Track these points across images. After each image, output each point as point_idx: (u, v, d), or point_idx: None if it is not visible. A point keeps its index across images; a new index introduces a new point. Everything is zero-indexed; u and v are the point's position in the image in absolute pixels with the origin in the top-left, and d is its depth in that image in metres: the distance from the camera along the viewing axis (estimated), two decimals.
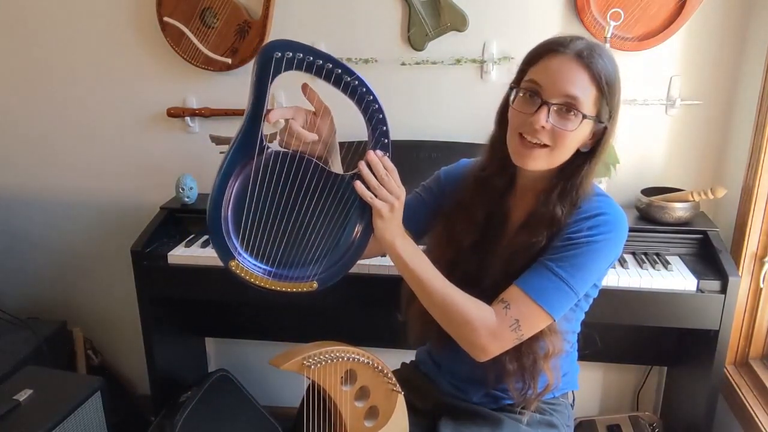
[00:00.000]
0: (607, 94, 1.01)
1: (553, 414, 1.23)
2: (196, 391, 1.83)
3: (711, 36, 1.70)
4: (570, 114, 1.00)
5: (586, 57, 0.99)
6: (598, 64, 0.99)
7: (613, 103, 1.02)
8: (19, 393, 1.47)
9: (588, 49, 1.00)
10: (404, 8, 1.78)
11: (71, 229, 2.16)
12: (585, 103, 1.00)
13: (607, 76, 1.00)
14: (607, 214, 1.05)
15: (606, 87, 1.00)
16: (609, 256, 1.05)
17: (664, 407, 1.98)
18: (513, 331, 1.01)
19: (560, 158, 1.05)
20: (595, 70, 0.99)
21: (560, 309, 1.02)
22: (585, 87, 1.00)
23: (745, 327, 1.68)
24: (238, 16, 1.80)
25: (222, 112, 1.92)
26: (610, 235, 1.03)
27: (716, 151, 1.78)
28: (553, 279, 1.01)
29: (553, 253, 1.03)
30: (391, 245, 1.03)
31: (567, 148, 1.04)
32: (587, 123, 1.01)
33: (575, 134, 1.01)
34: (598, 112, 1.02)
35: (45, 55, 1.98)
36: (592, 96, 1.00)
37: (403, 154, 1.76)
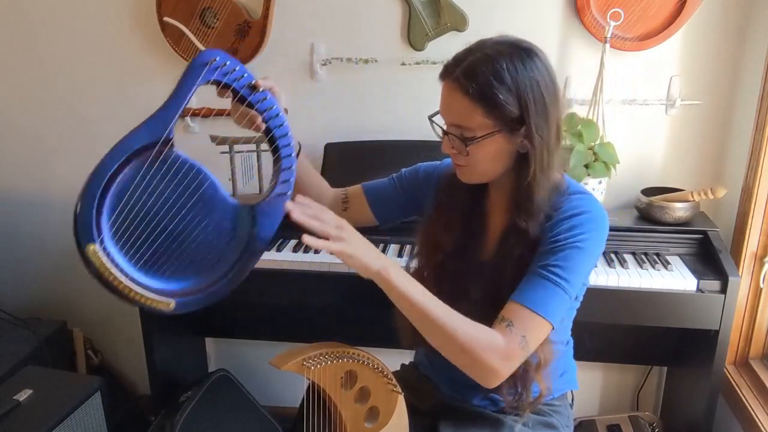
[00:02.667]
0: (497, 106, 0.97)
1: (553, 415, 1.23)
2: (196, 391, 1.83)
3: (711, 36, 1.70)
4: (460, 139, 1.01)
5: (462, 79, 0.98)
6: (475, 83, 0.97)
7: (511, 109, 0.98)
8: (19, 393, 1.47)
9: (467, 68, 0.98)
10: (404, 8, 1.78)
11: (71, 229, 2.15)
12: (472, 126, 0.99)
13: (489, 90, 0.96)
14: (587, 212, 1.04)
15: (492, 100, 0.97)
16: (594, 254, 1.05)
17: (664, 407, 1.98)
18: (522, 348, 0.98)
19: (484, 173, 1.06)
20: (471, 92, 0.97)
21: (559, 315, 1.02)
22: (466, 111, 0.99)
23: (745, 327, 1.68)
24: (238, 16, 1.80)
25: (222, 112, 1.91)
26: (593, 233, 1.03)
27: (716, 151, 1.78)
28: (548, 286, 1.00)
29: (541, 259, 1.03)
30: (378, 274, 0.97)
31: (481, 164, 1.04)
32: (497, 137, 1.00)
33: (481, 152, 1.02)
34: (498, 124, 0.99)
35: (45, 55, 1.98)
36: (479, 115, 0.98)
37: (404, 154, 1.76)
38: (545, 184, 1.04)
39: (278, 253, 1.67)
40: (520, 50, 1.00)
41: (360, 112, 1.89)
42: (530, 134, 0.99)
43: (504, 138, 1.01)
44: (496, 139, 1.01)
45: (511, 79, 0.97)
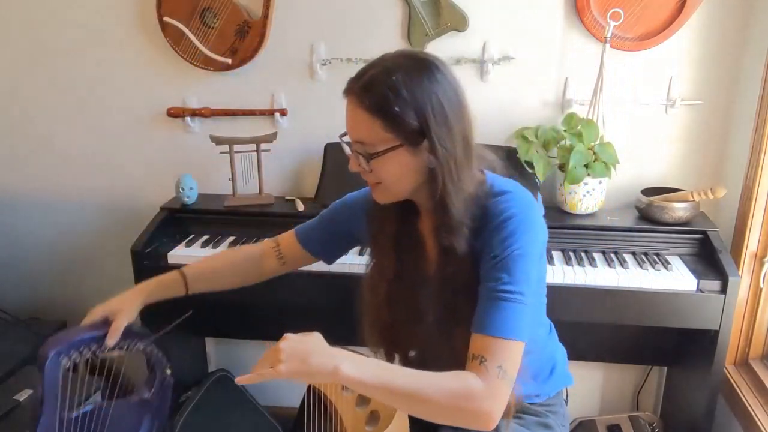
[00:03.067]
0: (400, 116, 0.95)
1: (549, 416, 1.22)
2: (196, 391, 1.83)
3: (711, 36, 1.70)
4: (365, 154, 1.00)
5: (360, 93, 0.97)
6: (373, 96, 0.96)
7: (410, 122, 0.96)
8: (19, 393, 1.47)
9: (363, 85, 0.98)
10: (404, 8, 1.78)
11: (71, 229, 2.16)
12: (373, 141, 0.98)
13: (386, 103, 0.95)
14: (514, 215, 1.01)
15: (389, 113, 0.96)
16: (537, 252, 1.03)
17: (664, 407, 1.98)
18: (502, 379, 0.94)
19: (398, 189, 1.04)
20: (369, 105, 0.96)
21: (526, 329, 0.98)
22: (367, 127, 0.98)
23: (745, 327, 1.68)
24: (238, 16, 1.80)
25: (222, 112, 1.92)
26: (528, 234, 1.00)
27: (716, 151, 1.78)
28: (504, 306, 0.97)
29: (487, 279, 1.00)
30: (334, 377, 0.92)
31: (390, 181, 1.02)
32: (400, 151, 0.98)
33: (387, 168, 1.00)
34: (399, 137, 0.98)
35: (45, 55, 1.98)
36: (379, 128, 0.97)
37: None
38: (458, 196, 1.01)
39: None
40: (419, 63, 0.99)
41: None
42: (433, 147, 0.97)
43: (408, 152, 0.99)
44: (400, 154, 0.99)
45: (408, 92, 0.95)
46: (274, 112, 1.90)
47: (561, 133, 1.72)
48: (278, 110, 1.90)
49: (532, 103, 1.82)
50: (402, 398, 0.94)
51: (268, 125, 1.93)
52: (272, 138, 1.83)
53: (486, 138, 1.81)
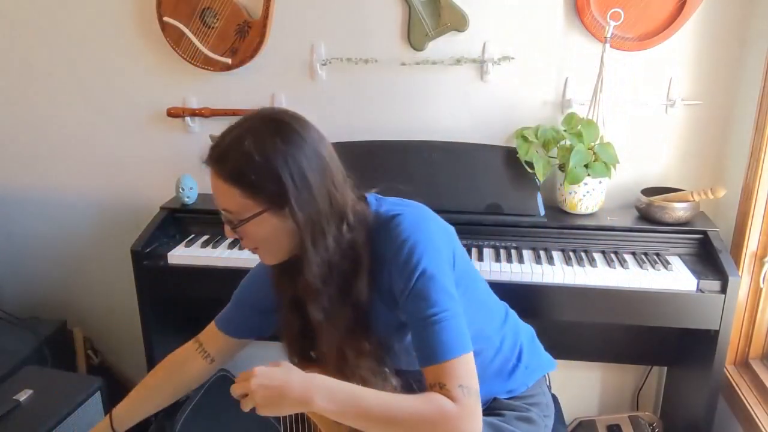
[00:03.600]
0: (255, 184, 0.96)
1: (531, 409, 1.20)
2: (196, 391, 1.83)
3: (711, 36, 1.70)
4: (232, 222, 1.00)
5: (216, 164, 0.97)
6: (227, 166, 0.96)
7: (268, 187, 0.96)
8: (19, 393, 1.47)
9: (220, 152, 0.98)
10: (404, 8, 1.78)
11: (71, 229, 2.16)
12: (238, 208, 0.98)
13: (241, 171, 0.95)
14: (406, 238, 0.99)
15: (246, 181, 0.96)
16: (442, 259, 1.01)
17: (664, 407, 1.98)
18: (468, 395, 0.94)
19: (277, 251, 1.04)
20: (225, 175, 0.96)
21: (466, 337, 0.98)
22: (228, 196, 0.98)
23: (745, 327, 1.68)
24: (238, 16, 1.80)
25: (222, 112, 1.92)
26: (426, 253, 0.99)
27: (716, 151, 1.78)
28: (437, 329, 0.96)
29: (410, 312, 0.99)
30: (307, 408, 0.93)
31: (267, 243, 1.02)
32: (265, 216, 0.98)
33: (258, 233, 1.00)
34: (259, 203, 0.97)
35: (45, 55, 1.98)
36: (240, 198, 0.97)
37: (404, 154, 1.77)
38: (318, 262, 1.00)
39: None
40: (274, 125, 0.99)
41: (360, 112, 1.89)
42: (293, 212, 0.97)
43: (274, 216, 0.98)
44: (266, 219, 0.98)
45: (261, 158, 0.95)
46: None
47: (561, 133, 1.72)
48: None
49: (532, 103, 1.82)
50: (378, 425, 0.94)
51: None
52: None
53: (486, 138, 1.82)
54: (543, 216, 1.72)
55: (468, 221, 1.70)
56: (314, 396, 0.91)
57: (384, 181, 1.67)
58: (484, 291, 1.20)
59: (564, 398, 1.49)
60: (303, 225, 0.98)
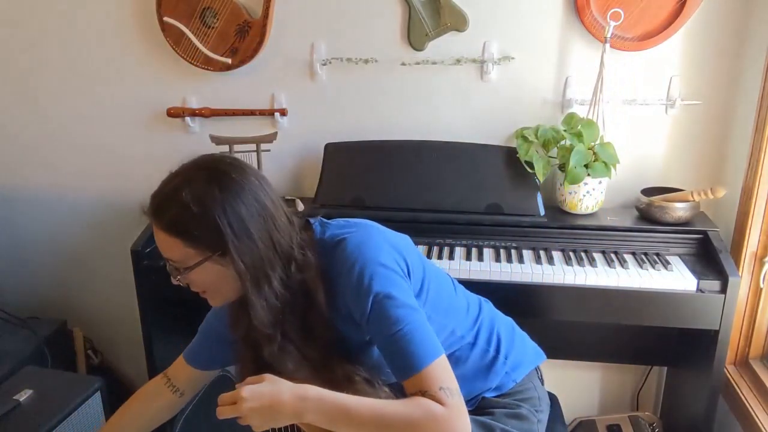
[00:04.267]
0: (193, 237, 0.97)
1: (521, 405, 1.20)
2: None
3: (711, 36, 1.70)
4: (177, 270, 1.01)
5: (155, 217, 0.99)
6: (166, 217, 0.97)
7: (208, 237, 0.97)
8: (19, 393, 1.46)
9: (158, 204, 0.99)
10: (404, 8, 1.78)
11: (71, 228, 2.16)
12: (181, 258, 0.99)
13: (179, 223, 0.97)
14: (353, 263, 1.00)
15: (185, 232, 0.97)
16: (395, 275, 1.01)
17: (664, 407, 1.98)
18: (450, 395, 0.95)
19: (224, 294, 1.05)
20: (164, 227, 0.98)
21: (434, 339, 0.99)
22: (169, 246, 0.99)
23: (745, 327, 1.68)
24: (238, 16, 1.80)
25: (222, 112, 1.92)
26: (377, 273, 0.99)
27: (716, 151, 1.78)
28: (405, 341, 0.96)
29: (374, 333, 1.00)
30: (303, 416, 0.94)
31: (213, 288, 1.04)
32: (208, 264, 0.99)
33: (203, 280, 1.02)
34: (200, 251, 0.98)
35: (45, 55, 1.98)
36: (181, 247, 0.98)
37: (404, 154, 1.77)
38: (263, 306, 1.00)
39: None
40: (211, 174, 0.99)
41: (360, 112, 1.89)
42: (233, 260, 0.97)
43: (216, 264, 0.99)
44: (208, 266, 0.99)
45: (199, 208, 0.95)
46: (274, 112, 1.90)
47: (561, 133, 1.72)
48: (278, 110, 1.89)
49: (532, 103, 1.82)
50: (369, 431, 0.95)
51: (268, 125, 1.93)
52: (272, 138, 1.83)
53: (486, 138, 1.82)
54: (543, 216, 1.72)
55: (468, 221, 1.70)
56: (306, 410, 0.93)
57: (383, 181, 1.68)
58: (448, 292, 1.19)
59: (564, 398, 1.49)
60: (243, 272, 0.98)
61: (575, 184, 1.69)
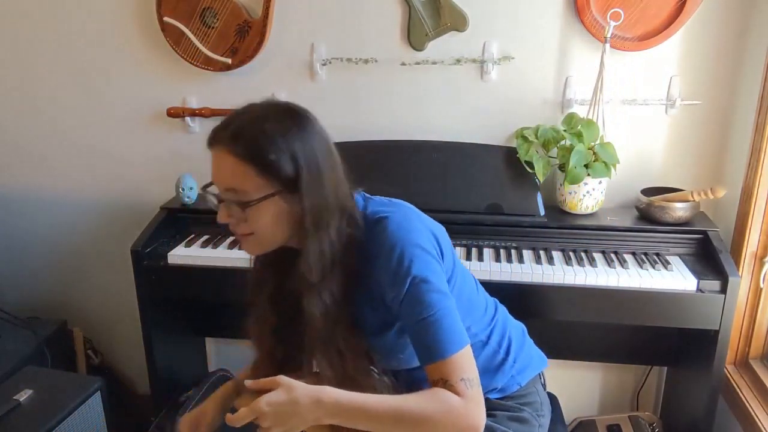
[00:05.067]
0: (272, 163, 0.96)
1: (524, 409, 1.20)
2: (196, 391, 1.83)
3: (711, 36, 1.70)
4: (238, 203, 0.98)
5: (231, 141, 0.96)
6: (245, 143, 0.96)
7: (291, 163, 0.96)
8: (19, 393, 1.47)
9: (233, 134, 0.97)
10: (404, 8, 1.78)
11: (71, 229, 2.16)
12: (247, 189, 0.97)
13: (259, 149, 0.95)
14: (394, 243, 1.00)
15: (266, 158, 0.95)
16: (431, 259, 1.01)
17: (664, 407, 1.98)
18: (470, 386, 0.96)
19: (272, 238, 1.02)
20: (241, 152, 0.95)
21: (461, 329, 1.00)
22: (240, 174, 0.96)
23: (745, 327, 1.68)
24: (238, 16, 1.80)
25: (222, 112, 1.92)
26: (416, 255, 0.99)
27: (716, 151, 1.78)
28: (434, 327, 0.97)
29: (404, 317, 1.00)
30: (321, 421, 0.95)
31: (264, 228, 1.00)
32: (276, 198, 0.97)
33: (264, 215, 0.98)
34: (272, 184, 0.97)
35: (45, 55, 1.98)
36: (253, 177, 0.96)
37: (404, 154, 1.77)
38: (318, 253, 1.00)
39: None
40: (290, 113, 1.00)
41: (360, 112, 1.89)
42: (303, 198, 0.97)
43: (282, 200, 0.98)
44: (274, 202, 0.98)
45: (282, 140, 0.96)
46: None
47: (561, 133, 1.72)
48: None
49: (532, 103, 1.82)
50: (387, 427, 0.96)
51: None
52: None
53: (486, 138, 1.82)
54: (543, 216, 1.72)
55: (468, 221, 1.70)
56: (323, 414, 0.94)
57: (384, 181, 1.67)
58: (471, 289, 1.20)
59: (564, 398, 1.49)
60: (309, 211, 0.98)
61: (575, 184, 1.69)
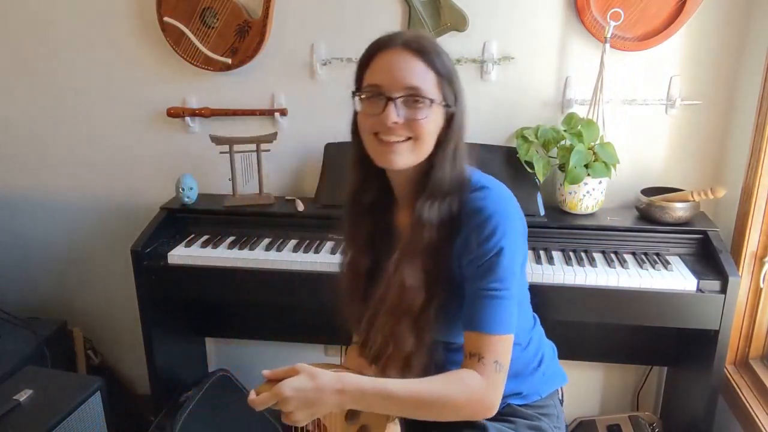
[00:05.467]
0: (446, 78, 1.03)
1: (542, 419, 1.20)
2: (196, 391, 1.83)
3: (711, 36, 1.70)
4: (417, 103, 1.01)
5: (416, 46, 1.01)
6: (429, 50, 1.01)
7: (454, 87, 1.04)
8: (19, 393, 1.47)
9: (417, 38, 1.02)
10: (404, 8, 1.78)
11: (71, 229, 2.16)
12: (428, 89, 1.01)
13: (442, 60, 1.02)
14: (493, 213, 1.02)
15: (443, 70, 1.02)
16: (517, 246, 1.04)
17: (664, 407, 1.98)
18: (498, 372, 1.00)
19: (424, 148, 1.05)
20: (428, 57, 1.01)
21: (513, 322, 1.02)
22: (422, 74, 1.01)
23: (745, 327, 1.68)
24: (238, 16, 1.80)
25: (222, 112, 1.92)
26: (508, 232, 1.01)
27: (716, 151, 1.78)
28: (493, 304, 1.00)
29: (474, 279, 1.02)
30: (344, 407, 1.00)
31: (428, 135, 1.03)
32: (437, 108, 1.02)
33: (430, 121, 1.02)
34: (443, 96, 1.03)
35: (45, 55, 1.98)
36: (432, 81, 1.02)
37: None
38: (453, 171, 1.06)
39: (278, 253, 1.67)
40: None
41: None
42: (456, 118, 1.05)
43: (441, 114, 1.04)
44: (440, 114, 1.04)
45: (448, 60, 1.04)
46: (274, 112, 1.90)
47: (561, 133, 1.72)
48: (278, 110, 1.89)
49: (532, 103, 1.82)
50: (409, 411, 1.00)
51: (268, 125, 1.93)
52: (272, 138, 1.83)
53: (486, 138, 1.81)
54: (543, 216, 1.72)
55: None
56: (346, 401, 0.97)
57: None
58: (525, 294, 1.22)
59: (564, 398, 1.49)
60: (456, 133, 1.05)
61: (575, 184, 1.69)
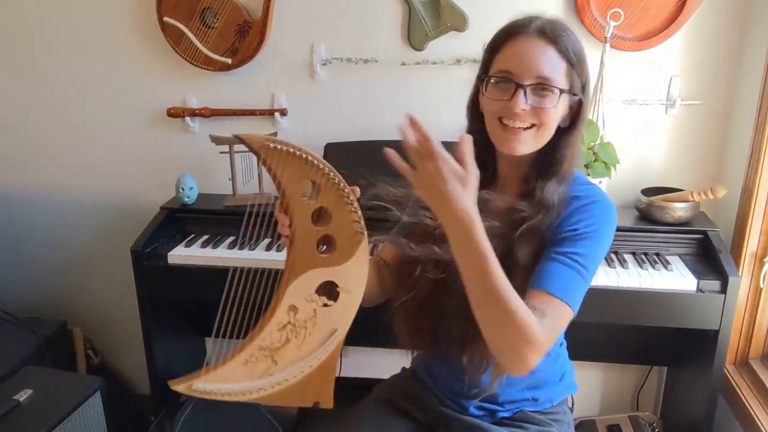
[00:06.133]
0: (577, 66, 1.02)
1: (552, 425, 1.20)
2: None
3: (711, 36, 1.70)
4: (546, 91, 1.00)
5: (550, 33, 1.00)
6: (563, 37, 1.01)
7: (583, 75, 1.04)
8: (19, 393, 1.46)
9: (550, 25, 1.02)
10: (404, 8, 1.78)
11: (71, 229, 2.16)
12: (558, 78, 1.00)
13: (574, 48, 1.01)
14: (600, 201, 1.04)
15: (574, 59, 1.01)
16: (608, 243, 1.04)
17: (664, 407, 1.98)
18: (551, 339, 0.94)
19: (546, 136, 1.05)
20: (561, 45, 1.00)
21: (580, 303, 0.99)
22: (554, 63, 1.00)
23: (745, 327, 1.68)
24: (238, 16, 1.80)
25: (222, 112, 1.92)
26: (607, 224, 1.03)
27: (716, 151, 1.78)
28: (572, 274, 0.98)
29: (560, 246, 1.00)
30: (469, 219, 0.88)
31: (552, 123, 1.03)
32: (564, 97, 1.02)
33: (557, 110, 1.02)
34: (571, 85, 1.03)
35: (45, 55, 1.98)
36: (563, 70, 1.01)
37: (404, 154, 1.76)
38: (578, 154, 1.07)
39: (278, 253, 1.67)
40: None
41: (360, 112, 1.89)
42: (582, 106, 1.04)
43: (567, 102, 1.03)
44: (566, 103, 1.03)
45: (579, 46, 1.03)
46: (274, 112, 1.90)
47: None
48: (278, 110, 1.90)
49: None
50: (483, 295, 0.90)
51: (268, 125, 1.93)
52: None
53: None
54: None
55: None
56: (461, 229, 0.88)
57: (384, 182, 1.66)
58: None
59: None
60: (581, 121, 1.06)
61: None
